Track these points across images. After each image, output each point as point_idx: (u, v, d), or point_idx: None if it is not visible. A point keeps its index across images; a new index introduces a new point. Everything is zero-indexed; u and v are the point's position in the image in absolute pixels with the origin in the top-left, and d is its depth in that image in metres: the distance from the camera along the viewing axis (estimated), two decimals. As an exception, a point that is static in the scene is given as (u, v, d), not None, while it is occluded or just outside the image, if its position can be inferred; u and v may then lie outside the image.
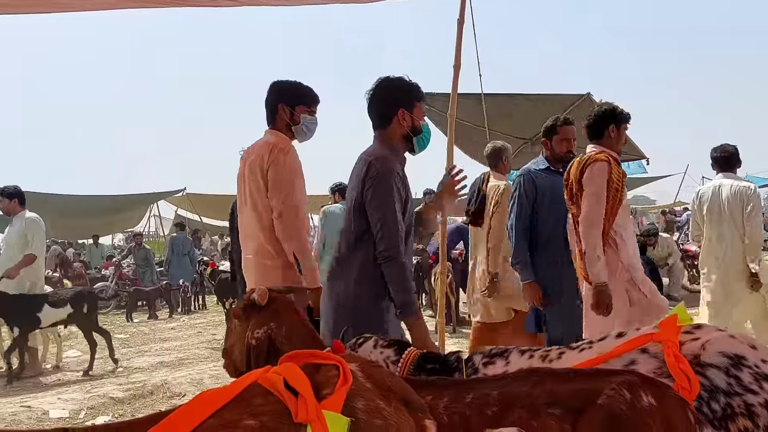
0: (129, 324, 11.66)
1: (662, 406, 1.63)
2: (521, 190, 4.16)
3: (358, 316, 2.72)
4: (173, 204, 21.40)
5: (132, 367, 7.46)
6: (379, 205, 2.67)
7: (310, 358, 1.56)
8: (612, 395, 1.64)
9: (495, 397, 1.81)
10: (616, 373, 1.79)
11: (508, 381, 1.88)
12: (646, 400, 1.63)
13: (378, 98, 2.89)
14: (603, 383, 1.70)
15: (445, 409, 1.82)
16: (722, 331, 2.06)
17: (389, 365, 2.46)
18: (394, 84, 2.88)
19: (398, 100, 2.86)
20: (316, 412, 1.36)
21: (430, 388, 1.90)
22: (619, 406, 1.62)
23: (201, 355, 8.07)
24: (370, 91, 2.89)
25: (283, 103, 3.29)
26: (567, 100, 9.60)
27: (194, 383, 6.30)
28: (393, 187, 2.68)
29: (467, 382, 2.01)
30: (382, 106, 2.87)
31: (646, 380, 1.74)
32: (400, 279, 2.69)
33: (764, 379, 1.88)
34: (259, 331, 2.43)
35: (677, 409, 1.66)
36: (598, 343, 2.20)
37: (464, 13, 4.15)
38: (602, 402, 1.64)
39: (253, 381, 1.47)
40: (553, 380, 1.81)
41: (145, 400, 5.80)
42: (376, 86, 2.89)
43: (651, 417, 1.61)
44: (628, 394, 1.64)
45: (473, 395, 1.84)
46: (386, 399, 1.48)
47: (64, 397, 5.92)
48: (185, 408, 1.39)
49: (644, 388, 1.67)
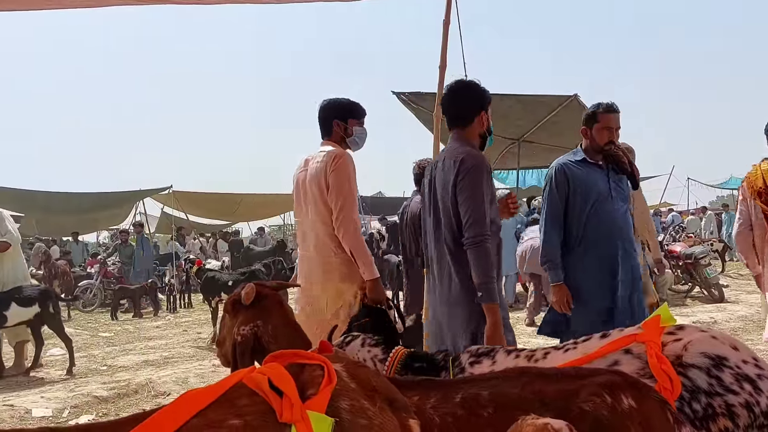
0: (114, 322, 11.60)
1: (642, 407, 1.66)
2: (552, 183, 3.76)
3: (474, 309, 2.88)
4: (159, 202, 21.27)
5: (116, 365, 7.40)
6: (470, 195, 2.90)
7: (295, 357, 1.56)
8: (592, 398, 1.67)
9: (486, 397, 1.82)
10: (599, 374, 1.81)
11: (498, 381, 1.89)
12: (626, 402, 1.66)
13: (462, 98, 3.14)
14: (585, 384, 1.72)
15: (434, 410, 1.83)
16: (704, 332, 2.08)
17: (377, 364, 2.47)
18: (476, 87, 3.16)
19: (480, 103, 3.15)
20: (300, 412, 1.36)
21: (416, 388, 1.91)
22: (600, 411, 1.65)
23: (186, 353, 8.03)
24: (451, 92, 3.14)
25: (336, 119, 3.59)
26: (554, 102, 9.66)
27: (179, 382, 6.28)
28: (483, 179, 2.94)
29: (454, 383, 2.01)
30: (466, 106, 3.13)
31: (628, 381, 1.76)
32: (484, 264, 2.86)
33: (745, 379, 1.90)
34: (245, 327, 2.47)
35: (657, 411, 1.69)
36: (583, 343, 2.23)
37: (450, 13, 4.14)
38: (583, 404, 1.67)
39: (237, 381, 1.46)
40: (542, 381, 1.83)
41: (130, 399, 5.77)
42: (459, 88, 3.14)
43: (630, 419, 1.64)
44: (609, 398, 1.67)
45: (462, 395, 1.85)
46: (371, 399, 1.48)
47: (48, 395, 5.88)
48: (169, 408, 1.39)
49: (625, 389, 1.69)
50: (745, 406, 1.86)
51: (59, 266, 13.98)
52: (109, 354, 8.17)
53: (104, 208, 20.30)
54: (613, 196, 3.67)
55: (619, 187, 3.75)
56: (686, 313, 8.77)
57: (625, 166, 3.73)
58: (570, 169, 3.73)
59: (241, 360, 2.47)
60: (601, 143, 3.71)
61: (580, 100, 8.99)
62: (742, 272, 13.51)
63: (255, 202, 22.94)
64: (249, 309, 2.51)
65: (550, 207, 3.74)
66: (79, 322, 11.89)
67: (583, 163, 3.75)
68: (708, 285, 10.43)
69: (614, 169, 3.74)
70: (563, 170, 3.73)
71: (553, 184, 3.75)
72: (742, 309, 9.26)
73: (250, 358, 2.46)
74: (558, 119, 9.95)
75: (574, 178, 3.70)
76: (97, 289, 13.75)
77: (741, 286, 12.00)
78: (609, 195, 3.66)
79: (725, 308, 9.42)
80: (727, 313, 8.88)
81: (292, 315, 2.64)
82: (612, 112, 3.73)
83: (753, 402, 1.86)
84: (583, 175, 3.70)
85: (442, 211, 3.03)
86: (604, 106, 3.74)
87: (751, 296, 10.57)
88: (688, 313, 8.77)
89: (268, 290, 2.61)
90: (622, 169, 3.73)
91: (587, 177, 3.69)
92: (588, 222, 3.65)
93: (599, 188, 3.66)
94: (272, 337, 2.46)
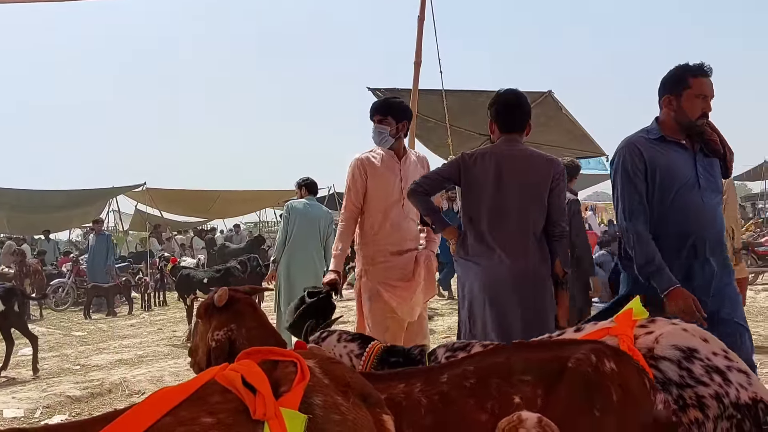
0: (87, 321, 11.46)
1: (621, 371, 1.78)
2: (625, 167, 2.95)
3: (549, 289, 3.19)
4: (133, 199, 21.04)
5: (90, 365, 7.32)
6: (563, 195, 3.27)
7: (269, 354, 1.55)
8: (580, 358, 1.78)
9: (471, 371, 1.88)
10: (583, 342, 1.94)
11: (484, 356, 1.98)
12: (609, 365, 1.78)
13: (527, 108, 3.37)
14: (573, 350, 1.84)
15: (422, 393, 1.87)
16: (675, 324, 2.11)
17: (353, 359, 2.48)
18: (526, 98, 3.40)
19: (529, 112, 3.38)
20: (273, 409, 1.35)
21: (399, 378, 1.94)
22: (585, 369, 1.76)
23: (161, 352, 7.97)
24: (523, 100, 3.36)
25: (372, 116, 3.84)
26: (528, 98, 9.70)
27: (154, 381, 6.22)
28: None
29: (438, 367, 2.06)
30: (527, 115, 3.35)
31: (610, 348, 1.88)
32: (568, 254, 3.31)
33: (715, 371, 1.93)
34: (219, 332, 2.45)
35: (635, 376, 1.80)
36: (558, 337, 2.25)
37: (425, 10, 4.15)
38: (572, 364, 1.78)
39: (210, 378, 1.45)
40: (528, 350, 1.94)
41: (104, 398, 5.71)
42: (524, 98, 3.38)
43: (611, 380, 1.75)
44: (594, 358, 1.78)
45: (448, 375, 1.90)
46: (344, 395, 1.48)
47: (19, 396, 5.79)
48: (140, 406, 1.37)
49: (608, 355, 1.81)
50: (715, 397, 1.89)
51: (31, 264, 13.76)
52: (82, 353, 8.07)
53: (76, 205, 20.00)
54: (701, 185, 2.92)
55: (709, 174, 2.98)
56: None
57: (717, 147, 2.99)
58: (646, 148, 2.94)
59: (216, 364, 2.44)
60: (693, 116, 2.89)
61: (554, 96, 9.05)
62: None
63: (231, 198, 22.79)
64: (222, 313, 2.48)
65: (629, 198, 2.94)
66: (52, 321, 11.73)
67: (662, 142, 2.95)
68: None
69: (703, 150, 2.99)
70: (638, 150, 2.94)
71: (627, 167, 2.94)
72: None
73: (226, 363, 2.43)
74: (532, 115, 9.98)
75: (652, 160, 2.92)
76: (69, 287, 13.54)
77: None
78: (696, 183, 2.91)
79: None
80: None
81: (266, 317, 2.63)
82: (706, 75, 2.90)
83: (722, 393, 1.89)
84: (663, 157, 2.92)
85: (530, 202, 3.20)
86: (697, 68, 2.89)
87: None
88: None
89: (241, 294, 2.59)
90: (713, 150, 2.99)
91: (669, 159, 2.92)
92: (668, 216, 2.92)
93: (684, 174, 2.91)
94: (246, 339, 2.43)
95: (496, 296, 3.11)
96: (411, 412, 1.82)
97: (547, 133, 9.44)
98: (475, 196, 3.22)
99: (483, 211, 3.19)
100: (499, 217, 3.17)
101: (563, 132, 9.83)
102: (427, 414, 1.83)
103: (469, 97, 8.80)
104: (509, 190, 3.17)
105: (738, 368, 1.95)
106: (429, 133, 9.33)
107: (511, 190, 3.17)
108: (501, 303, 3.09)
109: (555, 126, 9.49)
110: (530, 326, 2.98)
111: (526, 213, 3.18)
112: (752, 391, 1.90)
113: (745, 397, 1.89)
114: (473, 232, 3.22)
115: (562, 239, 3.23)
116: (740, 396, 1.89)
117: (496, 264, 3.12)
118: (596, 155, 11.79)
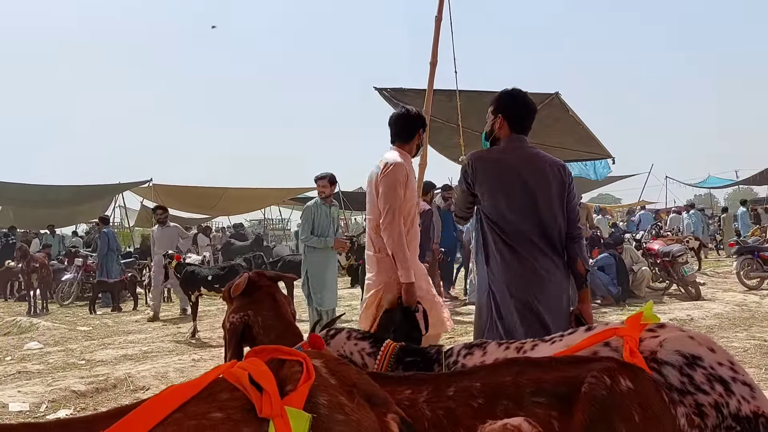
0: (92, 316, 11.51)
1: (638, 387, 1.74)
2: None
3: (568, 290, 3.27)
4: (139, 195, 21.12)
5: (95, 360, 7.35)
6: (577, 197, 3.37)
7: (276, 353, 1.57)
8: (594, 382, 1.74)
9: (478, 388, 1.86)
10: (593, 360, 1.89)
11: (488, 372, 1.94)
12: (624, 384, 1.74)
13: (534, 109, 3.47)
14: (584, 370, 1.79)
15: (427, 404, 1.86)
16: (683, 331, 2.12)
17: (364, 357, 2.47)
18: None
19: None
20: (279, 407, 1.37)
21: (408, 383, 1.94)
22: (600, 392, 1.71)
23: (166, 348, 8.00)
24: (534, 106, 3.48)
25: (421, 129, 3.91)
26: (536, 99, 9.69)
27: (158, 377, 6.25)
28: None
29: (446, 376, 2.04)
30: (534, 118, 3.47)
31: (623, 365, 1.84)
32: (587, 253, 3.44)
33: (718, 381, 1.92)
34: (235, 315, 2.58)
35: (651, 390, 1.77)
36: (569, 336, 2.27)
37: (442, 9, 4.14)
38: (585, 389, 1.73)
39: (218, 376, 1.48)
40: (536, 369, 1.88)
41: (108, 393, 5.74)
42: (531, 100, 3.44)
43: (629, 399, 1.71)
44: (608, 380, 1.74)
45: (455, 388, 1.88)
46: (349, 395, 1.50)
47: (25, 390, 5.82)
48: (151, 402, 1.40)
49: (622, 372, 1.77)
50: (714, 406, 1.89)
51: (38, 258, 13.80)
52: (88, 348, 8.11)
53: (83, 201, 20.11)
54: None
55: None
56: (663, 310, 8.87)
57: None
58: None
59: (228, 345, 2.58)
60: None
61: (561, 98, 9.05)
62: (718, 270, 13.74)
63: (236, 196, 22.85)
64: (241, 298, 2.61)
65: None
66: (57, 315, 11.78)
67: None
68: (685, 283, 10.60)
69: None
70: None
71: None
72: (718, 307, 9.39)
73: (237, 346, 2.55)
74: (539, 117, 9.98)
75: None
76: (76, 282, 13.62)
77: (717, 284, 12.17)
78: None
79: (702, 306, 9.54)
80: (704, 311, 9.00)
81: (285, 308, 2.68)
82: None
83: (722, 403, 1.89)
84: None
85: (549, 208, 3.24)
86: None
87: (727, 294, 10.74)
88: (666, 311, 8.88)
89: (264, 281, 2.70)
90: None
91: None
92: None
93: None
94: (262, 328, 2.56)
95: (521, 296, 3.14)
96: (414, 422, 1.81)
97: (554, 134, 9.44)
98: (496, 200, 3.26)
99: (506, 213, 3.23)
100: (523, 219, 3.22)
101: (570, 134, 9.83)
102: (431, 429, 1.83)
103: (475, 97, 8.80)
104: (533, 192, 3.22)
105: (743, 381, 1.94)
106: (436, 134, 9.33)
107: (535, 192, 3.22)
108: (526, 302, 3.13)
109: (562, 128, 9.49)
110: (552, 323, 3.08)
111: (550, 214, 3.23)
112: (755, 405, 1.89)
113: (746, 410, 1.88)
114: (496, 232, 3.26)
115: (581, 239, 3.34)
116: (741, 408, 1.88)
117: (519, 264, 3.19)
118: (603, 157, 11.78)
